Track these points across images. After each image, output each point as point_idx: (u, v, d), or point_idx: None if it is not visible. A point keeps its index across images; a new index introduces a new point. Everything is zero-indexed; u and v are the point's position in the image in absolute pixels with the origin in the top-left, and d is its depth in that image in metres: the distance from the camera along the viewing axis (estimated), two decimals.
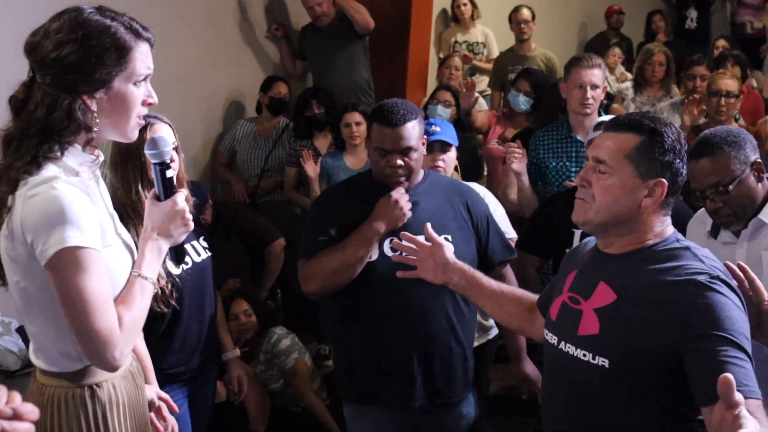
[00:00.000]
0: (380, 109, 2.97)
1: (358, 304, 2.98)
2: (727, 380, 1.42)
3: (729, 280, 1.96)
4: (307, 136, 5.62)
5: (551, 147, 4.21)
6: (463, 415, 3.16)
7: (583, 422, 2.07)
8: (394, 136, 2.89)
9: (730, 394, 1.43)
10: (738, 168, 2.52)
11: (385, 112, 2.93)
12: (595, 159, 2.04)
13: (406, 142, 2.91)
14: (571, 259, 2.29)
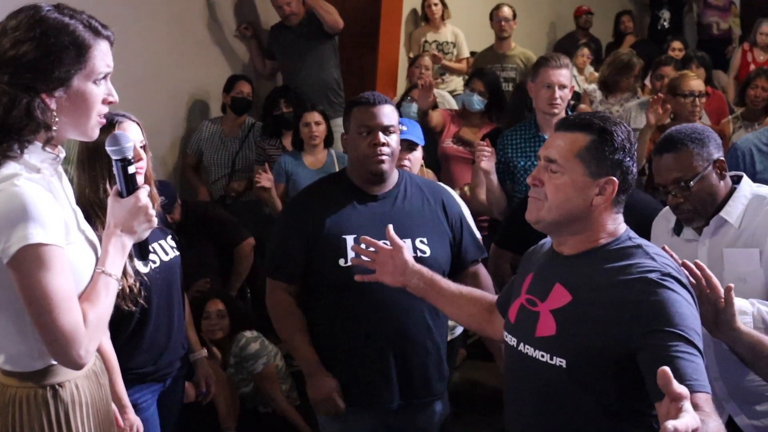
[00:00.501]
0: (359, 96, 3.03)
1: (334, 306, 2.98)
2: (664, 373, 1.44)
3: (680, 276, 1.99)
4: (276, 135, 5.62)
5: (519, 146, 4.22)
6: (435, 413, 3.18)
7: (543, 421, 2.09)
8: (377, 112, 2.94)
9: (669, 386, 1.44)
10: (700, 165, 2.55)
11: (364, 96, 3.00)
12: (547, 158, 2.06)
13: (388, 120, 2.95)
14: (528, 261, 2.31)
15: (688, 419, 1.42)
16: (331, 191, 3.07)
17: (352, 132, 2.99)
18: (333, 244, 2.93)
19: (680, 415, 1.43)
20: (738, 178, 2.68)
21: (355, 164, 3.03)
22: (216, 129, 5.74)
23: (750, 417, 2.64)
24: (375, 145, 2.93)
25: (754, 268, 2.53)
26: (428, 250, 2.99)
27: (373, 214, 2.98)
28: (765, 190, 2.65)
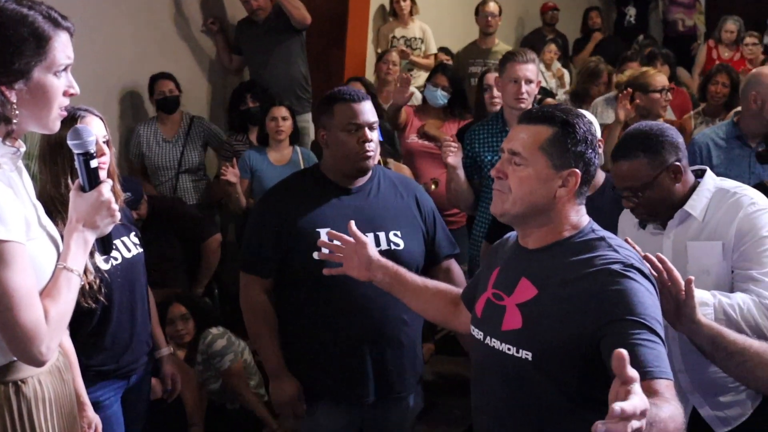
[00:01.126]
0: (337, 92, 3.02)
1: (308, 302, 2.98)
2: (620, 355, 1.44)
3: (642, 267, 2.01)
4: (242, 130, 5.60)
5: (486, 141, 4.24)
6: (409, 407, 3.20)
7: (510, 413, 2.11)
8: (363, 109, 2.94)
9: (623, 368, 1.45)
10: (650, 174, 2.57)
11: (345, 92, 3.00)
12: (510, 151, 2.07)
13: (373, 116, 2.97)
14: (494, 255, 2.32)
15: (636, 401, 1.42)
16: (304, 185, 3.07)
17: (335, 128, 2.96)
18: (307, 237, 2.92)
19: (629, 397, 1.43)
20: (702, 171, 2.71)
21: (339, 160, 3.00)
22: (153, 130, 5.57)
23: (714, 408, 2.66)
24: (364, 142, 2.93)
25: (717, 260, 2.55)
26: (402, 243, 2.99)
27: (347, 208, 2.98)
28: (728, 183, 2.68)
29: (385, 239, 2.96)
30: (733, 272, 2.54)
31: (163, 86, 5.49)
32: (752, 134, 4.14)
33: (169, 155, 5.54)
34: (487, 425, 2.21)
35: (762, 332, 2.39)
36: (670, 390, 1.83)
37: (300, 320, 3.01)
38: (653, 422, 1.60)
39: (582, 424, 2.00)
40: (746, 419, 2.67)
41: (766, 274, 2.47)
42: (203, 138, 5.67)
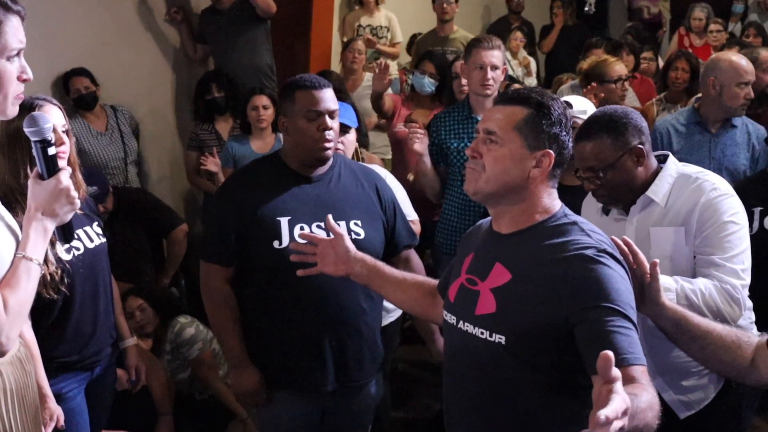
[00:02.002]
0: (299, 79, 2.99)
1: (268, 291, 2.97)
2: (606, 357, 1.46)
3: (615, 252, 2.03)
4: (208, 120, 5.56)
5: (452, 128, 4.23)
6: (371, 395, 3.20)
7: (484, 398, 2.11)
8: (323, 96, 2.92)
9: (608, 370, 1.46)
10: (613, 155, 2.58)
11: (307, 79, 2.97)
12: (486, 131, 2.08)
13: (334, 104, 2.95)
14: (467, 241, 2.33)
15: (617, 403, 1.44)
16: (264, 173, 3.04)
17: (295, 116, 2.95)
18: (267, 226, 2.91)
19: (610, 398, 1.44)
20: (664, 157, 2.72)
21: (298, 148, 2.98)
22: (84, 125, 5.37)
23: (677, 392, 2.69)
24: (324, 129, 2.91)
25: (680, 246, 2.57)
26: (363, 233, 2.99)
27: (307, 196, 2.97)
28: (690, 169, 2.70)
29: (345, 228, 2.95)
30: (695, 257, 2.56)
31: (78, 83, 5.29)
32: (712, 120, 4.18)
33: (110, 148, 5.41)
34: (459, 410, 2.21)
35: (724, 317, 2.42)
36: (645, 376, 1.86)
37: (260, 309, 3.00)
38: (634, 414, 1.61)
39: (555, 408, 2.04)
40: (708, 403, 2.70)
41: (727, 260, 2.50)
42: (131, 126, 5.59)
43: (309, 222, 2.92)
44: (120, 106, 5.56)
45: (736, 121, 4.19)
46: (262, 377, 3.00)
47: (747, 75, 4.09)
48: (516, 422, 2.07)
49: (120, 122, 5.47)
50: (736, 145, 4.17)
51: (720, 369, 2.23)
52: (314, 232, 2.89)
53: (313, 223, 2.92)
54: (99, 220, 3.10)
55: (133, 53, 5.76)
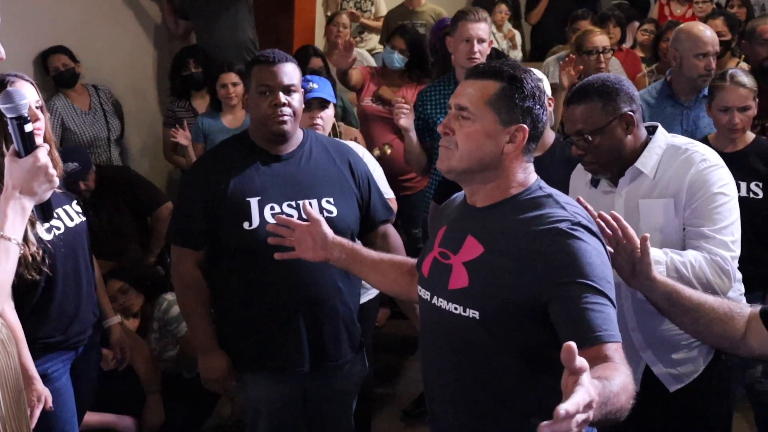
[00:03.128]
0: (258, 54, 2.99)
1: (240, 272, 2.94)
2: (568, 348, 1.42)
3: (590, 225, 2.00)
4: (185, 96, 5.51)
5: (438, 102, 4.20)
6: (351, 375, 3.18)
7: (461, 373, 2.09)
8: (277, 71, 2.88)
9: (572, 361, 1.43)
10: (603, 119, 2.55)
11: (264, 55, 2.94)
12: (458, 106, 2.04)
13: (289, 79, 2.90)
14: (441, 215, 2.30)
15: (579, 396, 1.41)
16: (233, 153, 3.00)
17: (252, 91, 2.93)
18: (237, 207, 2.88)
19: (576, 389, 1.42)
20: (654, 128, 2.70)
21: (256, 124, 2.96)
22: (67, 103, 5.31)
23: (666, 365, 2.68)
24: (276, 105, 2.87)
25: (669, 218, 2.55)
26: (335, 210, 2.96)
27: (277, 176, 2.94)
28: (680, 140, 2.67)
29: (317, 207, 2.92)
30: (684, 229, 2.55)
31: (56, 61, 5.22)
32: (682, 91, 4.18)
33: (94, 127, 5.36)
34: (437, 385, 2.20)
35: (713, 289, 2.40)
36: (619, 353, 1.83)
37: (232, 291, 2.98)
38: (606, 401, 1.58)
39: (531, 383, 2.02)
40: (698, 376, 2.70)
41: (717, 231, 2.48)
42: (114, 106, 5.54)
43: (279, 202, 2.89)
44: (101, 85, 5.50)
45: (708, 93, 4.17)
46: (229, 363, 2.99)
47: (706, 46, 4.08)
48: (492, 397, 2.06)
49: (102, 101, 5.42)
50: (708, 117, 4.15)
51: (713, 341, 2.22)
52: (285, 211, 2.87)
53: (283, 203, 2.90)
54: (77, 198, 3.06)
55: (112, 30, 5.69)
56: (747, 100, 3.50)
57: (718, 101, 3.52)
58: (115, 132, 5.45)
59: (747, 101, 3.50)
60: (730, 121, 3.49)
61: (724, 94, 3.50)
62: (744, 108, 3.49)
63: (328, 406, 3.21)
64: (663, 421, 2.72)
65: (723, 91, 3.51)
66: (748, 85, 3.54)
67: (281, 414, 3.08)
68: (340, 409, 3.25)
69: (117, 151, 5.51)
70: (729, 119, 3.49)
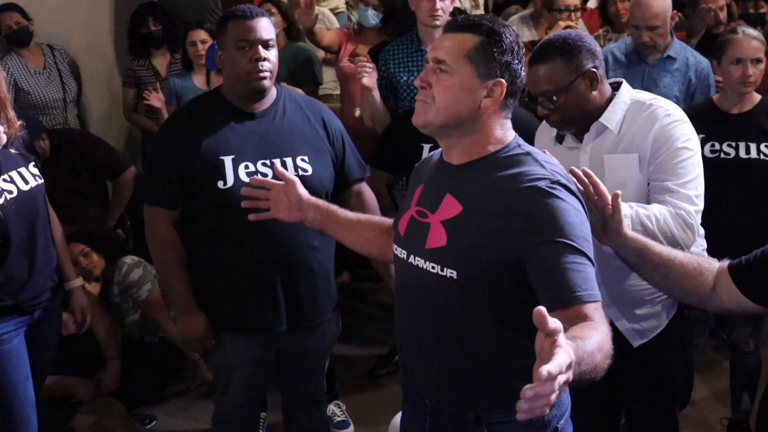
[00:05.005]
0: (232, 9, 2.89)
1: (215, 232, 2.90)
2: (539, 313, 1.41)
3: (569, 183, 1.98)
4: (144, 54, 5.41)
5: (401, 61, 4.15)
6: (326, 334, 3.17)
7: (435, 332, 2.08)
8: (256, 26, 2.82)
9: (545, 324, 1.42)
10: (566, 78, 2.53)
11: (239, 9, 2.87)
12: (435, 60, 2.00)
13: (267, 34, 2.85)
14: (418, 173, 2.27)
15: (560, 358, 1.40)
16: (206, 111, 2.95)
17: (228, 47, 2.86)
18: (211, 165, 2.83)
19: (554, 350, 1.40)
20: (618, 84, 2.68)
21: (233, 81, 2.90)
22: (20, 63, 5.19)
23: (630, 321, 2.69)
24: (256, 60, 2.81)
25: (634, 173, 2.55)
26: (310, 169, 2.92)
27: (251, 133, 2.89)
28: (644, 95, 2.66)
29: (292, 165, 2.88)
30: (649, 184, 2.54)
31: (8, 19, 5.08)
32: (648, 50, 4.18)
33: (49, 87, 5.24)
34: (412, 345, 2.18)
35: (678, 243, 2.41)
36: (598, 312, 1.83)
37: (208, 251, 2.94)
38: (580, 360, 1.57)
39: (508, 343, 2.01)
40: (661, 331, 2.72)
41: (681, 185, 2.48)
42: (70, 66, 5.42)
43: (253, 160, 2.85)
44: (56, 44, 5.38)
45: (674, 53, 4.19)
46: (209, 322, 2.97)
47: (644, 19, 4.10)
48: (468, 357, 2.04)
49: (57, 60, 5.31)
50: (671, 77, 4.16)
51: (682, 296, 2.22)
52: (259, 170, 2.84)
53: (258, 161, 2.86)
54: (36, 160, 2.98)
55: None
56: (759, 52, 3.46)
57: (730, 54, 3.46)
58: (71, 93, 5.34)
59: (759, 53, 3.46)
60: (743, 74, 3.43)
61: (737, 45, 3.45)
62: (757, 60, 3.45)
63: (302, 366, 3.20)
64: (626, 376, 2.74)
65: (735, 44, 3.46)
66: (760, 38, 3.51)
67: (254, 374, 3.07)
68: (314, 368, 3.24)
69: (74, 112, 5.41)
70: (742, 71, 3.43)
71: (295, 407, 3.33)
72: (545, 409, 1.40)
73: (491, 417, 2.07)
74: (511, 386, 1.94)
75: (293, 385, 3.26)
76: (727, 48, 3.48)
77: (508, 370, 2.00)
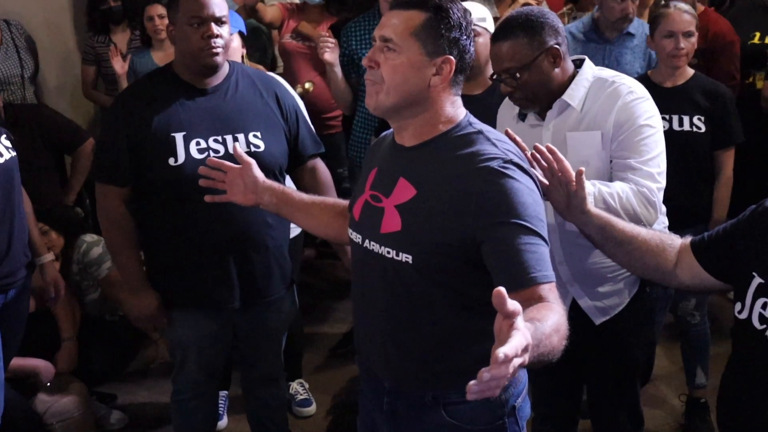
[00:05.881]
0: None
1: (168, 209, 2.87)
2: (498, 293, 1.40)
3: (522, 162, 1.97)
4: (104, 31, 5.33)
5: (363, 37, 4.12)
6: (283, 311, 3.17)
7: (391, 316, 2.07)
8: (207, 2, 2.79)
9: (503, 305, 1.41)
10: (529, 54, 2.51)
11: None
12: (382, 38, 1.98)
13: (220, 11, 2.82)
14: (371, 155, 2.25)
15: (517, 340, 1.39)
16: (157, 87, 2.91)
17: (180, 23, 2.82)
18: (162, 142, 2.80)
19: (512, 333, 1.40)
20: (581, 61, 2.68)
21: (185, 57, 2.87)
22: None
23: (592, 299, 2.70)
24: (209, 37, 2.78)
25: (596, 150, 2.55)
26: (262, 145, 2.90)
27: (203, 110, 2.86)
28: (606, 73, 2.66)
29: (244, 141, 2.86)
30: (611, 162, 2.54)
31: None
32: (607, 28, 4.22)
33: (6, 63, 5.11)
34: (368, 329, 2.17)
35: (640, 220, 2.41)
36: (553, 293, 1.83)
37: (161, 228, 2.92)
38: (539, 342, 1.57)
39: (465, 326, 2.01)
40: (623, 308, 2.73)
41: (644, 163, 2.48)
42: (27, 42, 5.30)
43: (205, 137, 2.83)
44: (13, 20, 5.26)
45: (633, 30, 4.20)
46: (160, 300, 2.95)
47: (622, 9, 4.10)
48: (425, 339, 2.04)
49: (14, 36, 5.18)
50: (632, 54, 4.18)
51: (645, 273, 2.23)
52: (211, 146, 2.82)
53: (209, 138, 2.84)
54: (7, 132, 2.93)
55: None
56: (691, 25, 3.51)
57: (662, 28, 3.51)
58: (28, 69, 5.22)
59: (691, 27, 3.51)
60: (675, 47, 3.49)
61: (669, 19, 3.51)
62: (688, 33, 3.51)
63: (258, 343, 3.20)
64: (588, 353, 2.76)
65: (667, 17, 3.52)
66: (691, 11, 3.57)
67: (210, 351, 3.07)
68: (270, 345, 3.24)
69: (32, 89, 5.29)
70: (674, 45, 3.49)
71: (254, 384, 3.34)
72: (495, 391, 1.40)
73: (449, 398, 2.07)
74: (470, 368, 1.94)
75: (250, 362, 3.27)
76: (660, 22, 3.53)
77: (466, 352, 2.00)
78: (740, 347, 2.06)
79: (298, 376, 4.21)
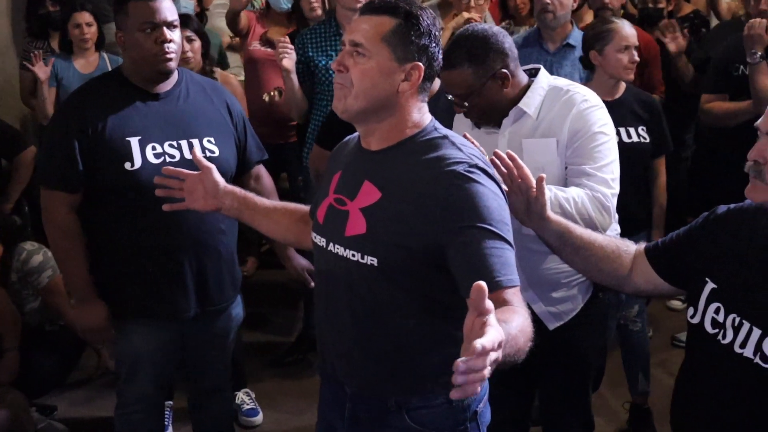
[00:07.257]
0: None
1: (121, 215, 2.82)
2: (479, 287, 1.41)
3: (487, 167, 1.98)
4: (43, 36, 5.25)
5: (319, 45, 4.11)
6: (231, 318, 3.15)
7: (356, 320, 2.06)
8: (159, 7, 2.76)
9: (481, 301, 1.42)
10: (476, 83, 2.54)
11: None
12: (352, 42, 1.98)
13: (171, 15, 2.79)
14: (335, 159, 2.24)
15: (493, 334, 1.40)
16: (108, 90, 2.87)
17: (130, 29, 2.78)
18: (117, 147, 2.76)
19: (485, 329, 1.40)
20: (536, 70, 2.71)
21: (137, 63, 2.83)
22: None
23: (547, 304, 2.72)
24: (162, 42, 2.75)
25: (552, 157, 2.58)
26: (217, 150, 2.89)
27: (156, 114, 2.83)
28: (561, 81, 2.70)
29: (199, 146, 2.84)
30: (566, 168, 2.58)
31: None
32: (549, 39, 4.30)
33: None
34: (332, 333, 2.15)
35: (595, 225, 2.45)
36: (517, 296, 1.84)
37: (112, 236, 2.87)
38: (506, 343, 1.56)
39: (429, 330, 2.01)
40: (577, 313, 2.76)
41: (598, 169, 2.53)
42: None
43: (161, 141, 2.80)
44: None
45: (573, 41, 4.26)
46: (108, 311, 2.89)
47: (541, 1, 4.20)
48: (390, 344, 2.04)
49: None
50: (571, 65, 4.24)
51: (600, 278, 2.26)
52: (166, 151, 2.79)
53: (165, 142, 2.81)
54: None
55: None
56: (636, 39, 3.59)
57: (616, 42, 3.54)
58: None
59: (636, 40, 3.59)
60: (630, 60, 3.55)
61: (622, 33, 3.55)
62: (636, 47, 3.59)
63: (208, 351, 3.16)
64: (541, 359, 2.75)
65: (619, 32, 3.56)
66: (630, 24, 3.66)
67: (161, 361, 3.02)
68: (219, 354, 3.21)
69: None
70: (629, 58, 3.54)
71: (201, 394, 3.29)
72: (477, 388, 1.39)
73: (412, 403, 2.07)
74: (434, 372, 1.96)
75: (199, 372, 3.22)
76: (612, 37, 3.57)
77: (431, 357, 2.00)
78: (693, 352, 2.09)
79: (243, 385, 4.16)
